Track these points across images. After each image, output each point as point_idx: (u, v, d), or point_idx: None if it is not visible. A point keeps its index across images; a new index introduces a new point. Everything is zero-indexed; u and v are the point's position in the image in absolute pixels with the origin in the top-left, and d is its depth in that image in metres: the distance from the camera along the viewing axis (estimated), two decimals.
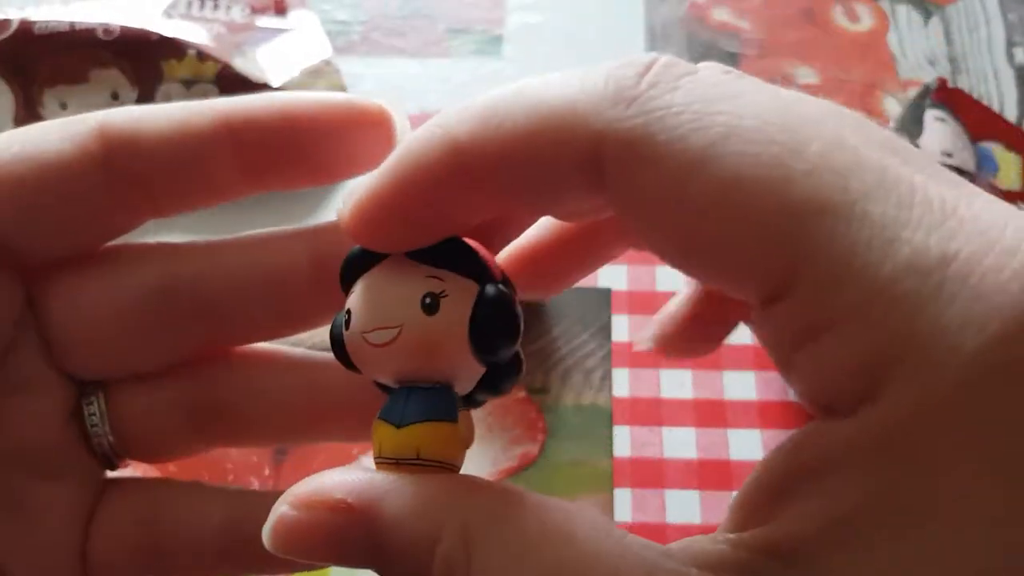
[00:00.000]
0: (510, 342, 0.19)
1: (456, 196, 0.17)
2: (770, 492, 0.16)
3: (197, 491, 0.22)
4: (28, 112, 0.41)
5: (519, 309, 0.19)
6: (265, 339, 0.22)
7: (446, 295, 0.18)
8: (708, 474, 0.33)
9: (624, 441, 0.34)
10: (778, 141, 0.15)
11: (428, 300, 0.18)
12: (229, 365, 0.22)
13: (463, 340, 0.18)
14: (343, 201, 0.18)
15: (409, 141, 0.17)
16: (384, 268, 0.19)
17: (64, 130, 0.20)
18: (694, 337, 0.23)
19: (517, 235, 0.21)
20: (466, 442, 0.19)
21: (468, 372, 0.19)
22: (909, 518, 0.14)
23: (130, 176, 0.20)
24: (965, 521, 0.13)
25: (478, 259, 0.19)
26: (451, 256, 0.18)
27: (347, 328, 0.19)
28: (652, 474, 0.33)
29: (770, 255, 0.15)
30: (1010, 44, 0.47)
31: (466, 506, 0.17)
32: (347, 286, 0.19)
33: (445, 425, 0.19)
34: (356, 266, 0.19)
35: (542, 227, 0.21)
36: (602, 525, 0.16)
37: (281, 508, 0.17)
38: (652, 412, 0.34)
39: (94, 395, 0.21)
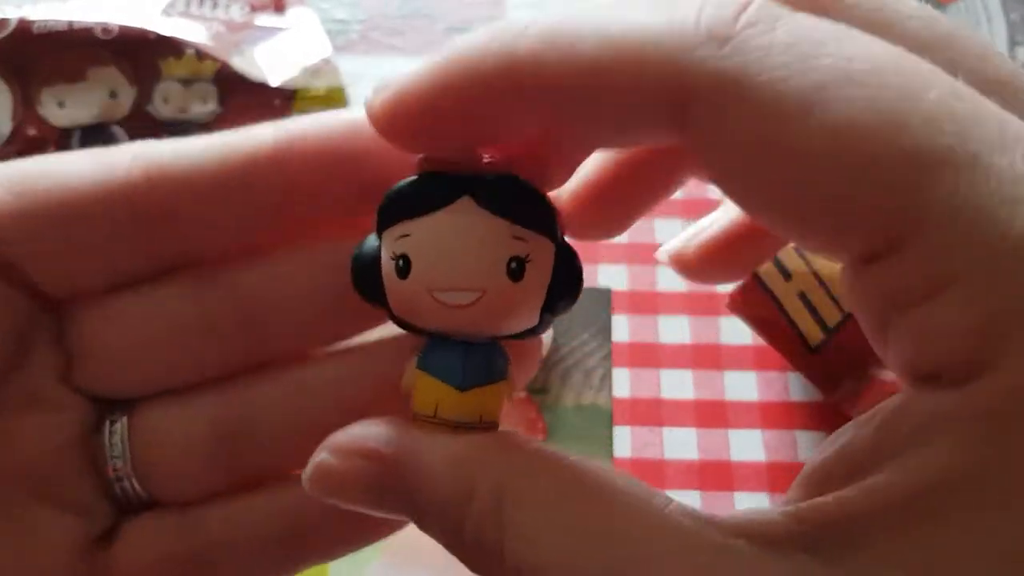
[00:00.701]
0: (575, 299, 0.18)
1: (507, 113, 0.16)
2: (846, 465, 0.15)
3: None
4: (26, 110, 0.41)
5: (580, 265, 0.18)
6: (308, 348, 0.21)
7: (530, 260, 0.17)
8: (709, 475, 0.33)
9: (624, 441, 0.34)
10: (893, 86, 0.14)
11: (514, 265, 0.17)
12: (263, 382, 0.21)
13: (538, 305, 0.18)
14: (374, 92, 0.17)
15: (459, 46, 0.16)
16: (456, 215, 0.17)
17: (99, 161, 0.19)
18: (715, 264, 0.22)
19: (558, 163, 0.19)
20: (511, 396, 0.19)
21: (527, 325, 0.18)
22: (1016, 488, 0.13)
23: (161, 216, 0.19)
24: None
25: (554, 215, 0.17)
26: (534, 213, 0.17)
27: (401, 276, 0.17)
28: (652, 475, 0.33)
29: (884, 207, 0.13)
30: (1012, 43, 0.47)
31: (501, 464, 0.16)
32: (395, 217, 0.17)
33: (503, 384, 0.18)
34: (414, 198, 0.17)
35: (596, 162, 0.20)
36: (641, 489, 0.16)
37: (320, 455, 0.17)
38: (652, 412, 0.34)
39: (118, 416, 0.20)
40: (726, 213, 0.21)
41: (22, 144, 0.41)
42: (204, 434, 0.20)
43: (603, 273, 0.38)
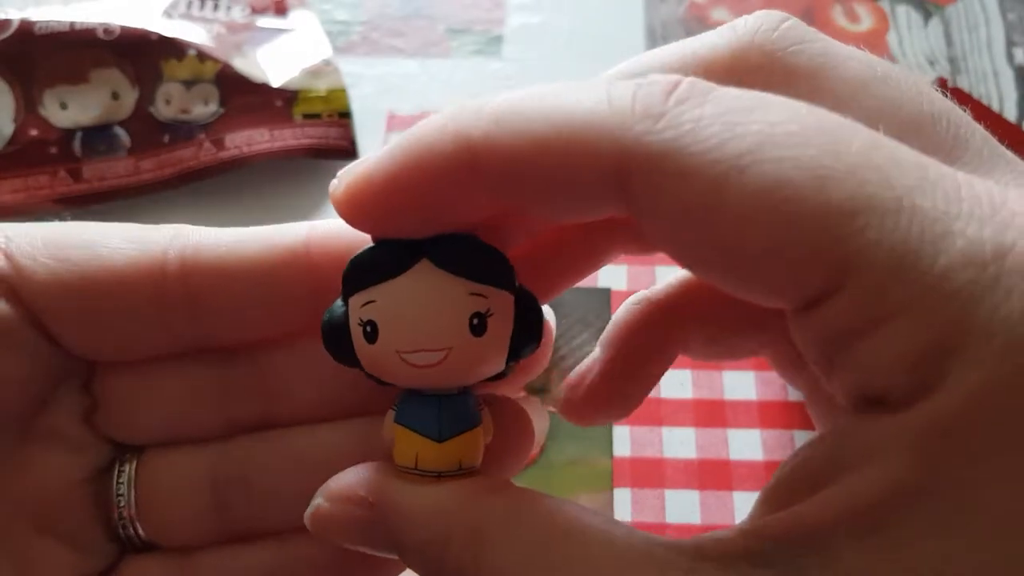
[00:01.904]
0: (538, 343, 0.19)
1: (462, 193, 0.17)
2: (800, 483, 0.16)
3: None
4: (28, 112, 0.41)
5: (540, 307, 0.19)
6: (321, 412, 0.22)
7: (491, 314, 0.18)
8: (708, 474, 0.33)
9: (624, 441, 0.34)
10: (815, 144, 0.15)
11: (476, 322, 0.18)
12: (261, 443, 0.21)
13: (503, 353, 0.19)
14: (338, 178, 0.18)
15: (417, 130, 0.17)
16: (417, 278, 0.18)
17: (138, 239, 0.20)
18: (602, 406, 0.23)
19: (515, 231, 0.20)
20: (487, 437, 0.19)
21: (494, 372, 0.19)
22: (957, 503, 0.14)
23: (189, 303, 0.20)
24: (1019, 506, 0.13)
25: (510, 268, 0.18)
26: (490, 269, 0.18)
27: (370, 340, 0.18)
28: (652, 474, 0.33)
29: (816, 258, 0.14)
30: (1010, 44, 0.47)
31: (477, 510, 0.17)
32: (359, 285, 0.18)
33: (478, 430, 0.19)
34: (371, 268, 0.18)
35: (538, 231, 0.21)
36: (613, 526, 0.16)
37: (317, 500, 0.19)
38: (652, 412, 0.34)
39: (128, 460, 0.21)
40: (603, 357, 0.23)
41: (24, 145, 0.41)
42: (203, 486, 0.21)
43: (603, 274, 0.38)
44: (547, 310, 0.21)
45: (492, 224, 0.18)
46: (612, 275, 0.38)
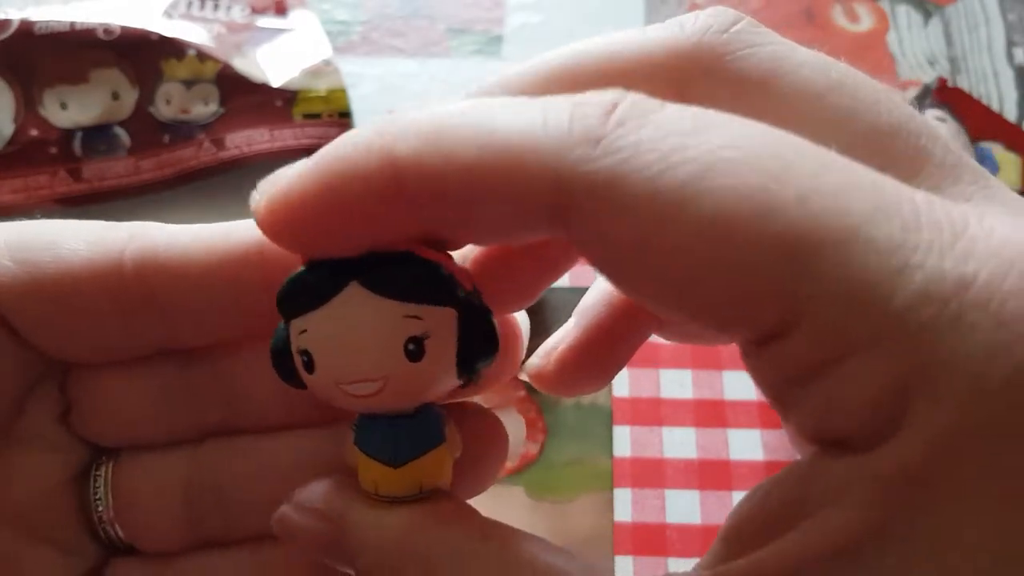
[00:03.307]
0: (493, 355, 0.17)
1: (388, 212, 0.15)
2: (761, 524, 0.15)
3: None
4: (28, 112, 0.41)
5: (494, 319, 0.17)
6: (285, 419, 0.21)
7: (428, 336, 0.16)
8: (708, 474, 0.33)
9: (624, 441, 0.34)
10: (759, 170, 0.14)
11: (412, 347, 0.16)
12: (233, 451, 0.21)
13: (451, 372, 0.17)
14: (259, 191, 0.16)
15: (341, 144, 0.16)
16: (347, 304, 0.16)
17: (96, 239, 0.19)
18: (573, 376, 0.22)
19: (451, 246, 0.18)
20: (455, 453, 0.18)
21: (449, 388, 0.18)
22: (923, 547, 0.13)
23: (146, 304, 0.19)
24: (985, 550, 0.13)
25: (450, 282, 0.17)
26: (423, 288, 0.16)
27: (309, 371, 0.17)
28: (652, 474, 0.33)
29: (765, 296, 0.14)
30: (1010, 44, 0.47)
31: (431, 541, 0.17)
32: (291, 312, 0.17)
33: (440, 449, 0.18)
34: (303, 292, 0.17)
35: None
36: (571, 566, 0.16)
37: (283, 507, 0.18)
38: (652, 412, 0.34)
39: (104, 463, 0.21)
40: (577, 325, 0.22)
41: (24, 145, 0.41)
42: (176, 492, 0.21)
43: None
44: (522, 314, 0.20)
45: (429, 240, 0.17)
46: None
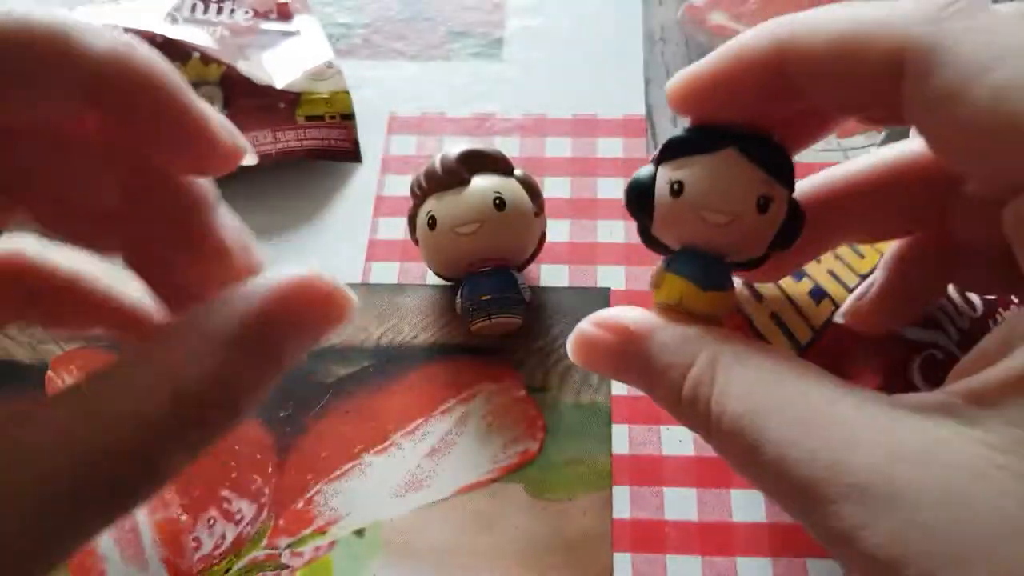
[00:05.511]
0: (790, 246, 0.24)
1: (770, 82, 0.22)
2: (983, 360, 0.19)
3: None
4: None
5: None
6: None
7: (773, 200, 0.23)
8: (705, 471, 0.33)
9: (623, 439, 0.34)
10: None
11: (762, 202, 0.23)
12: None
13: (769, 238, 0.23)
14: (673, 79, 0.23)
15: (740, 36, 0.22)
16: (723, 159, 0.23)
17: None
18: (885, 313, 0.29)
19: (803, 131, 0.25)
20: (732, 304, 0.25)
21: (759, 252, 0.24)
22: None
23: None
24: None
25: (792, 171, 0.23)
26: (780, 165, 0.23)
27: (674, 195, 0.23)
28: (650, 472, 0.33)
29: None
30: None
31: (718, 344, 0.22)
32: (673, 155, 0.23)
33: (731, 292, 0.24)
34: (686, 145, 0.23)
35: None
36: (828, 379, 0.20)
37: (583, 324, 0.24)
38: (651, 410, 0.35)
39: None
40: (883, 274, 0.29)
41: None
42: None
43: (602, 273, 0.39)
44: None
45: (783, 132, 0.24)
46: (611, 275, 0.39)
